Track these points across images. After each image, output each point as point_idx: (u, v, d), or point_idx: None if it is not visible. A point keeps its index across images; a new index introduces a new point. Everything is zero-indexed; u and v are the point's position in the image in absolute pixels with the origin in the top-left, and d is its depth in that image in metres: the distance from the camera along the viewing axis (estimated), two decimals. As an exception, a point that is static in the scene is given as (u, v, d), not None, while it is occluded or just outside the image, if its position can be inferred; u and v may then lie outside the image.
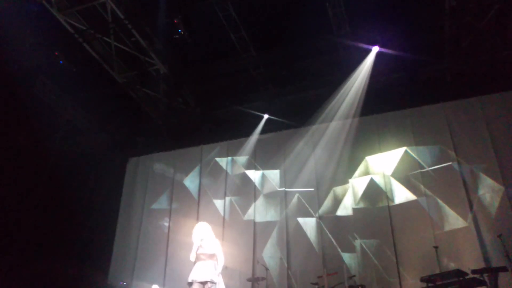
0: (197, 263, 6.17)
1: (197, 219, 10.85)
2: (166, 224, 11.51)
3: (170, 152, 12.48)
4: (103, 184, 12.58)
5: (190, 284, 6.03)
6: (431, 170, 9.64)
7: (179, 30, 9.50)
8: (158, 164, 12.48)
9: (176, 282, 10.02)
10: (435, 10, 9.27)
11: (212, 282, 6.02)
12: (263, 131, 11.50)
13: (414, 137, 10.06)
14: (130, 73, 10.99)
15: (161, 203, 11.90)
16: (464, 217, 8.91)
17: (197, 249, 6.22)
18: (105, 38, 9.98)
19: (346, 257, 9.47)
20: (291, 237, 10.20)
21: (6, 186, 10.42)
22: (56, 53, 10.05)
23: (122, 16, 9.33)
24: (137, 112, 12.29)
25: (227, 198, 11.22)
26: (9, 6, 8.99)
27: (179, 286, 8.11)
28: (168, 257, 10.90)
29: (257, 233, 10.54)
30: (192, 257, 6.22)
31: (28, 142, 10.91)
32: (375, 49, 9.96)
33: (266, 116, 11.46)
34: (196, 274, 6.05)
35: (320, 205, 10.25)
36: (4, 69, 10.02)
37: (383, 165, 10.11)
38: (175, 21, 9.40)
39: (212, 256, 6.25)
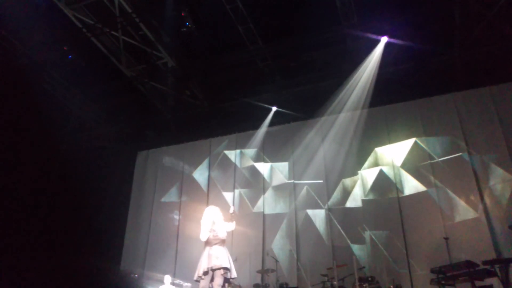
0: (209, 249, 6.06)
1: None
2: (176, 216, 11.59)
3: (179, 145, 12.52)
4: (113, 177, 12.67)
5: (206, 273, 5.91)
6: (441, 161, 9.57)
7: (187, 23, 9.53)
8: (167, 158, 12.53)
9: (186, 273, 10.06)
10: (445, -1, 9.16)
11: (226, 269, 5.96)
12: (271, 124, 11.49)
13: (424, 127, 9.98)
14: (138, 66, 11.03)
15: (171, 196, 11.98)
16: (474, 208, 8.85)
17: (210, 233, 6.13)
18: (113, 32, 10.01)
19: (356, 248, 9.47)
20: (301, 229, 10.21)
21: (17, 181, 10.54)
22: (65, 48, 10.12)
23: (129, 10, 9.33)
24: (145, 106, 12.34)
25: (236, 191, 11.25)
26: (18, 1, 9.03)
27: (189, 277, 8.17)
28: (179, 249, 10.98)
29: (266, 225, 10.57)
30: (204, 237, 6.08)
31: (37, 136, 10.99)
32: (384, 40, 9.86)
33: (274, 108, 11.44)
34: (210, 261, 5.95)
35: (329, 197, 10.23)
36: (14, 64, 10.10)
37: (393, 156, 10.05)
38: (182, 14, 9.41)
39: (223, 241, 6.20)
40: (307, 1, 9.60)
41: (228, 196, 11.25)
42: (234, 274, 6.10)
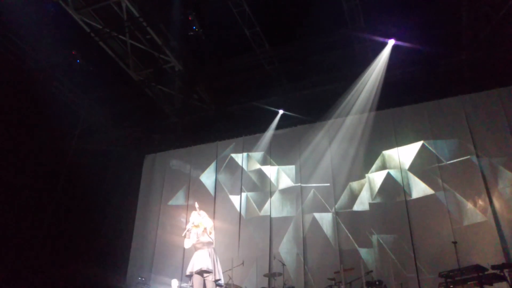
0: (195, 254, 6.27)
1: (214, 215, 10.93)
2: (183, 220, 11.59)
3: (186, 148, 12.55)
4: (120, 181, 12.72)
5: (189, 276, 6.12)
6: (449, 164, 9.51)
7: (194, 27, 9.54)
8: (175, 161, 12.56)
9: (193, 277, 10.10)
10: (452, 1, 9.11)
11: (208, 271, 6.08)
12: (278, 127, 11.49)
13: (432, 130, 9.93)
14: (146, 70, 11.11)
15: (178, 199, 11.99)
16: (483, 211, 8.77)
17: (192, 238, 6.33)
18: (121, 37, 10.09)
19: (363, 252, 9.42)
20: (308, 233, 10.18)
21: (24, 184, 10.62)
22: (73, 52, 10.19)
23: (137, 14, 9.40)
24: (153, 109, 12.40)
25: (243, 194, 11.24)
26: (26, 6, 9.13)
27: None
28: (186, 253, 10.98)
29: (273, 228, 10.55)
30: (185, 245, 6.36)
31: (45, 140, 11.09)
32: (391, 42, 9.84)
33: (281, 112, 11.43)
34: (192, 266, 6.16)
35: (336, 200, 10.20)
36: (22, 68, 10.21)
37: (400, 159, 10.00)
38: (189, 18, 9.43)
39: (208, 244, 6.33)
40: (314, 5, 9.59)
41: (235, 199, 11.26)
42: (217, 276, 6.22)
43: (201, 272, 6.07)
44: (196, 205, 6.85)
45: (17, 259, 10.10)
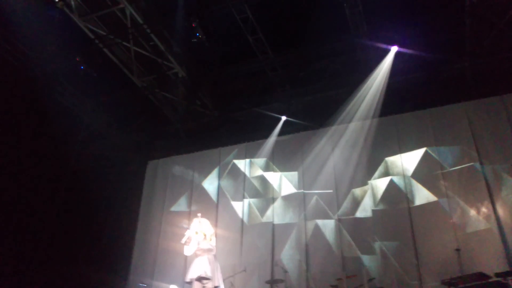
0: (194, 260, 6.29)
1: (216, 221, 10.91)
2: (186, 226, 11.55)
3: (189, 154, 12.54)
4: (123, 187, 12.73)
5: (189, 283, 6.15)
6: (453, 170, 9.46)
7: (197, 34, 9.61)
8: (177, 167, 12.55)
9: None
10: (455, 8, 9.13)
11: (207, 278, 6.09)
12: (281, 133, 11.45)
13: (435, 137, 9.89)
14: (149, 77, 11.14)
15: (181, 205, 11.97)
16: (487, 218, 8.71)
17: (193, 245, 6.35)
18: (125, 43, 10.13)
19: (366, 259, 9.36)
20: (310, 239, 10.14)
21: (28, 190, 10.66)
22: (77, 59, 10.25)
23: (141, 21, 9.45)
24: (156, 115, 12.43)
25: (246, 200, 11.21)
26: (30, 12, 9.21)
27: None
28: (188, 259, 10.95)
29: (275, 235, 10.50)
30: (186, 252, 6.40)
31: (49, 146, 11.14)
32: (394, 49, 9.84)
33: (284, 118, 11.43)
34: (192, 272, 6.18)
35: (339, 207, 10.15)
36: (26, 74, 10.26)
37: (403, 166, 9.97)
38: (193, 24, 9.49)
39: (208, 250, 6.35)
40: (317, 11, 9.64)
41: (237, 205, 11.23)
42: (217, 283, 6.23)
43: (200, 279, 6.08)
44: (199, 215, 6.88)
45: (19, 263, 10.11)
